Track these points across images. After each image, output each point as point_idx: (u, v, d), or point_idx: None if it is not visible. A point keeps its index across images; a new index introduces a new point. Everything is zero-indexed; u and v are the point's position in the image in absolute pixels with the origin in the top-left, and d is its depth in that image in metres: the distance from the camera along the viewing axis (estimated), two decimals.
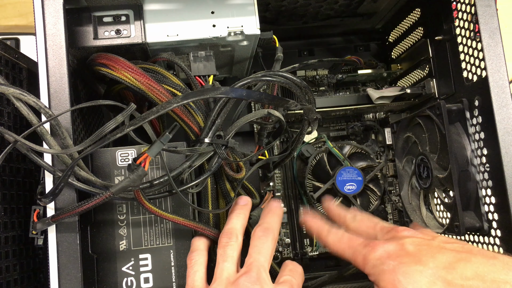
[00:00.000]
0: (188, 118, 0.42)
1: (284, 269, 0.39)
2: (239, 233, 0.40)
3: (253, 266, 0.36)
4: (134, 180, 0.35)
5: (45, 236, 0.43)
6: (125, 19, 0.44)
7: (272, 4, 0.55)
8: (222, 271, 0.37)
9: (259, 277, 0.36)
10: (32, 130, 0.36)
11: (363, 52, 0.68)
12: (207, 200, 0.45)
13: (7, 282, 0.43)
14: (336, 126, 0.65)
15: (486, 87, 0.43)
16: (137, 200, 0.38)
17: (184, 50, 0.48)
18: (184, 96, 0.35)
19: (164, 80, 0.43)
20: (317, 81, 0.64)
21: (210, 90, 0.37)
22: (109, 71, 0.42)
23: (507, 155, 0.42)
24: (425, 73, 0.56)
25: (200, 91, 0.38)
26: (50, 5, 0.39)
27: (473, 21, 0.44)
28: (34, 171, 0.51)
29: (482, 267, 0.33)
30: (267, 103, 0.40)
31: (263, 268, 0.37)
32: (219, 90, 0.37)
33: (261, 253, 0.38)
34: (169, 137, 0.36)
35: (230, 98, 0.43)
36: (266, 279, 0.36)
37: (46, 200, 0.36)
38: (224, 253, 0.38)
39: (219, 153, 0.42)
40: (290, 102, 0.42)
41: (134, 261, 0.42)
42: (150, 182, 0.39)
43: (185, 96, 0.35)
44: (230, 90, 0.38)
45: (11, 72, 0.48)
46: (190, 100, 0.36)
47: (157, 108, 0.36)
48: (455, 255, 0.34)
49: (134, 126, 0.35)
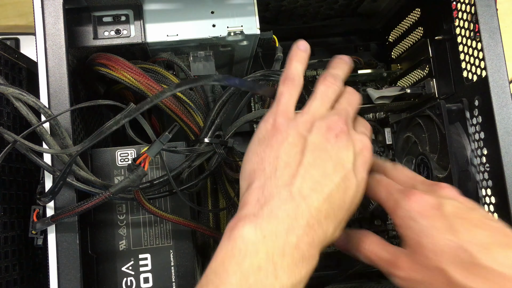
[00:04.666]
0: (188, 118, 0.42)
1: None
2: (301, 78, 0.36)
3: (344, 111, 0.35)
4: (134, 180, 0.35)
5: (44, 236, 0.43)
6: (125, 19, 0.44)
7: (272, 4, 0.55)
8: (309, 107, 0.35)
9: (348, 123, 0.34)
10: (31, 130, 0.36)
11: (363, 52, 0.67)
12: (207, 200, 0.45)
13: (7, 282, 0.43)
14: None
15: (486, 87, 0.43)
16: (136, 200, 0.38)
17: (184, 50, 0.48)
18: (177, 85, 0.34)
19: (164, 80, 0.43)
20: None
21: (204, 78, 0.36)
22: (109, 71, 0.42)
23: (507, 155, 0.42)
24: (425, 73, 0.56)
25: (194, 79, 0.38)
26: (50, 5, 0.39)
27: (473, 21, 0.44)
28: (33, 171, 0.51)
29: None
30: (261, 93, 0.40)
31: (351, 119, 0.35)
32: (212, 78, 0.37)
33: (351, 105, 0.36)
34: (169, 137, 0.36)
35: (231, 96, 0.43)
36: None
37: (46, 199, 0.36)
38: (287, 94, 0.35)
39: (219, 153, 0.42)
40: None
41: (134, 261, 0.42)
42: (150, 182, 0.40)
43: (178, 85, 0.34)
44: (223, 77, 0.37)
45: (11, 72, 0.48)
46: (183, 87, 0.35)
47: (151, 98, 0.35)
48: (495, 236, 0.30)
49: (129, 118, 0.35)
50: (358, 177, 0.34)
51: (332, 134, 0.33)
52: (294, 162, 0.32)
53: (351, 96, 0.37)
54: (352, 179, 0.33)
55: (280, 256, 0.29)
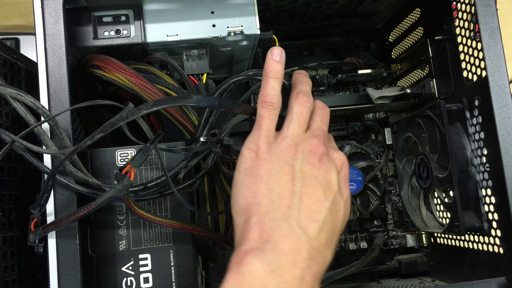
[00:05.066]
0: (183, 118, 0.42)
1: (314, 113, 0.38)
2: (279, 99, 0.37)
3: (320, 131, 0.36)
4: (120, 190, 0.35)
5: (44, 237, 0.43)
6: (124, 19, 0.44)
7: (272, 4, 0.55)
8: (288, 130, 0.36)
9: (325, 143, 0.36)
10: (29, 131, 0.36)
11: (363, 52, 0.67)
12: (205, 200, 0.45)
13: (5, 283, 0.43)
14: (336, 126, 0.65)
15: (486, 87, 0.43)
16: (129, 209, 0.38)
17: (178, 51, 0.48)
18: (154, 103, 0.35)
19: (157, 80, 0.43)
20: (317, 81, 0.64)
21: (181, 98, 0.37)
22: (102, 72, 0.42)
23: (507, 155, 0.42)
24: (425, 73, 0.56)
25: (171, 98, 0.38)
26: (50, 5, 0.39)
27: (473, 21, 0.44)
28: (32, 171, 0.51)
29: None
30: (239, 112, 0.40)
31: (326, 138, 0.37)
32: (191, 99, 0.37)
33: (324, 122, 0.38)
34: (151, 148, 0.37)
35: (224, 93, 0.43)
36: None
37: (35, 211, 0.37)
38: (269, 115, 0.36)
39: (215, 151, 0.42)
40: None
41: (134, 261, 0.42)
42: (144, 185, 0.40)
43: (155, 103, 0.35)
44: (202, 99, 0.37)
45: (10, 72, 0.48)
46: (160, 107, 0.35)
47: (126, 114, 0.35)
48: None
49: (103, 133, 0.34)
50: (344, 196, 0.35)
51: (316, 158, 0.35)
52: (287, 192, 0.33)
53: (322, 112, 0.39)
54: (340, 201, 0.35)
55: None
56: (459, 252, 0.50)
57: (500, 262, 0.43)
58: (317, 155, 0.35)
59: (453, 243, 0.52)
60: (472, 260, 0.47)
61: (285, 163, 0.34)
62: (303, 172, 0.34)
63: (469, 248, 0.48)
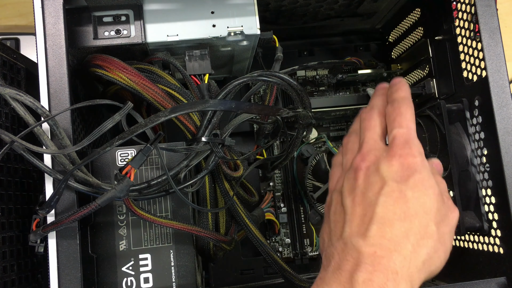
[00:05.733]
0: (184, 118, 0.42)
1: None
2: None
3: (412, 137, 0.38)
4: (121, 191, 0.35)
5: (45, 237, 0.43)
6: (125, 19, 0.44)
7: (272, 4, 0.55)
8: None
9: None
10: (28, 131, 0.36)
11: (363, 52, 0.67)
12: (206, 199, 0.45)
13: (4, 283, 0.43)
14: (336, 126, 0.65)
15: (486, 87, 0.43)
16: (129, 210, 0.38)
17: (179, 51, 0.48)
18: (171, 110, 0.35)
19: (160, 80, 0.43)
20: (317, 81, 0.64)
21: (200, 103, 0.38)
22: (104, 72, 0.42)
23: (507, 155, 0.42)
24: (425, 73, 0.56)
25: (189, 104, 0.38)
26: (50, 5, 0.39)
27: (473, 21, 0.44)
28: (32, 172, 0.51)
29: None
30: (256, 113, 0.40)
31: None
32: (208, 103, 0.38)
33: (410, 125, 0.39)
34: (151, 148, 0.37)
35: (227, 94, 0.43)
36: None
37: (43, 211, 0.37)
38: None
39: (216, 152, 0.42)
40: (280, 111, 0.42)
41: (134, 261, 0.42)
42: (148, 182, 0.40)
43: (173, 110, 0.36)
44: (219, 102, 0.38)
45: (9, 73, 0.48)
46: (178, 114, 0.36)
47: (145, 122, 0.36)
48: None
49: (122, 140, 0.36)
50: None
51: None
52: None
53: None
54: None
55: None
56: (459, 252, 0.50)
57: (500, 262, 0.43)
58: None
59: (453, 243, 0.52)
60: (472, 260, 0.47)
61: (398, 189, 0.37)
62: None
63: (469, 248, 0.48)
